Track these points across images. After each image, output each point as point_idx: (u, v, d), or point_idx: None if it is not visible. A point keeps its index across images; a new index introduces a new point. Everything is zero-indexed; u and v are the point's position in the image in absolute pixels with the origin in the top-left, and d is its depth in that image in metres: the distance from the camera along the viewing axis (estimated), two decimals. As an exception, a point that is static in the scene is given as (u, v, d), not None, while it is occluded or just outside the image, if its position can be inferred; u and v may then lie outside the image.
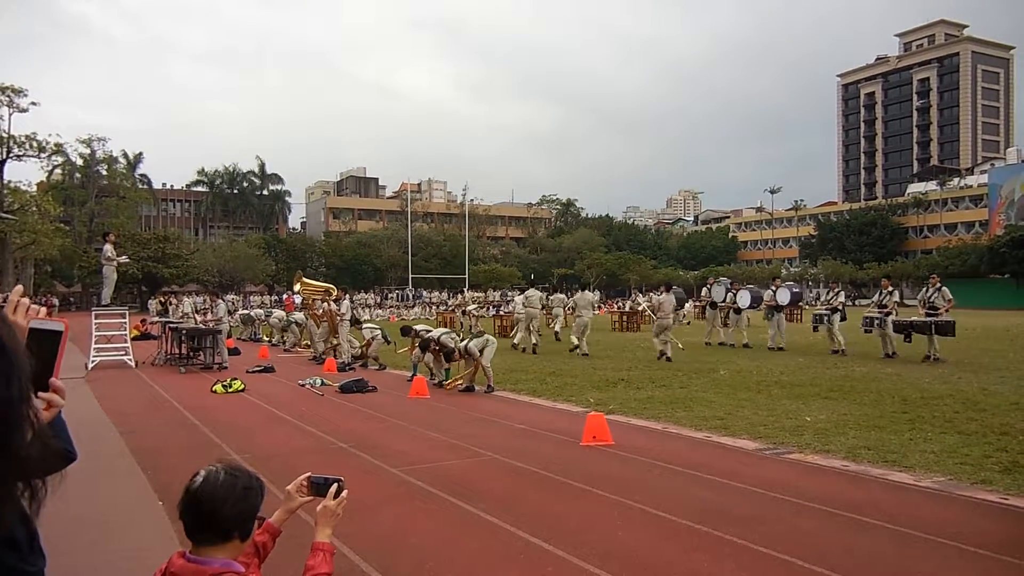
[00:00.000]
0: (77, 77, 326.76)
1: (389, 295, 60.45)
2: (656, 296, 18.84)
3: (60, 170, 63.12)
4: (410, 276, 64.33)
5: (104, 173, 67.47)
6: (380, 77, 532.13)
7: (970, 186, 79.73)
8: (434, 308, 45.78)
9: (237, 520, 1.88)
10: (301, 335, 21.39)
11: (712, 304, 21.31)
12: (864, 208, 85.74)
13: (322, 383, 12.77)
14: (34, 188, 48.79)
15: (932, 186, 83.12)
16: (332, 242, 74.93)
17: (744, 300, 20.21)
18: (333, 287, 19.15)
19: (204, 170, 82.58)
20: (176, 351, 17.01)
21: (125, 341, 16.75)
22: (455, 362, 12.56)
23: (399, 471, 6.60)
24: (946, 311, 15.93)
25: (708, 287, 22.46)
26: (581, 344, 18.01)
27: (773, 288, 19.72)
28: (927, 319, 15.68)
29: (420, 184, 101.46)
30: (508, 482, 6.25)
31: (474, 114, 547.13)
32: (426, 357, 12.90)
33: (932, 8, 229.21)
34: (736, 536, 4.72)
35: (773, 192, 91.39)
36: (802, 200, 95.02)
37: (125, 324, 17.06)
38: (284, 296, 40.75)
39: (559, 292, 26.96)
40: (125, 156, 71.78)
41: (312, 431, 8.67)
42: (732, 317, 20.52)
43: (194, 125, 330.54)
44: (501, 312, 32.86)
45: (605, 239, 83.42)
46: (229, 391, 12.01)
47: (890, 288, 17.20)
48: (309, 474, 2.29)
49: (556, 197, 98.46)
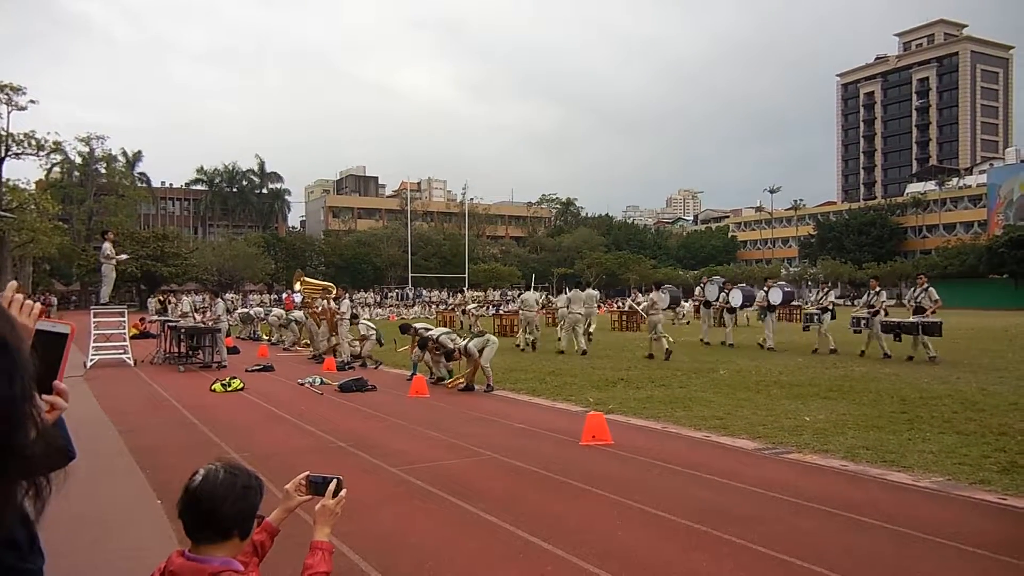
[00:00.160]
0: (77, 76, 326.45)
1: (389, 294, 60.48)
2: (649, 295, 19.08)
3: (59, 168, 63.20)
4: (410, 275, 64.31)
5: (103, 171, 67.49)
6: (380, 77, 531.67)
7: (969, 186, 79.80)
8: (434, 307, 45.80)
9: (236, 519, 1.88)
10: (300, 334, 21.40)
11: (706, 303, 21.48)
12: (863, 208, 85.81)
13: (321, 382, 12.77)
14: (33, 186, 48.86)
15: (931, 186, 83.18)
16: (332, 241, 74.95)
17: (736, 299, 20.33)
18: (332, 285, 19.15)
19: (203, 169, 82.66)
20: (175, 350, 17.02)
21: (124, 340, 16.74)
22: (455, 361, 12.56)
23: (398, 470, 6.59)
24: (932, 312, 16.05)
25: (702, 286, 22.68)
26: (579, 341, 18.12)
27: (766, 288, 19.82)
28: (914, 319, 15.80)
29: (420, 183, 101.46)
30: (508, 481, 6.25)
31: (474, 114, 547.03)
32: (425, 356, 12.92)
33: (932, 8, 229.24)
34: (735, 536, 4.72)
35: (772, 192, 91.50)
36: (801, 200, 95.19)
37: (124, 323, 17.05)
38: (284, 295, 40.71)
39: (590, 289, 27.12)
40: (124, 154, 71.82)
41: (311, 430, 8.67)
42: (726, 316, 20.65)
43: (194, 124, 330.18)
44: (501, 311, 32.89)
45: (605, 238, 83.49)
46: (228, 390, 12.01)
47: (878, 288, 17.34)
48: (307, 473, 2.29)
49: (556, 196, 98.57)
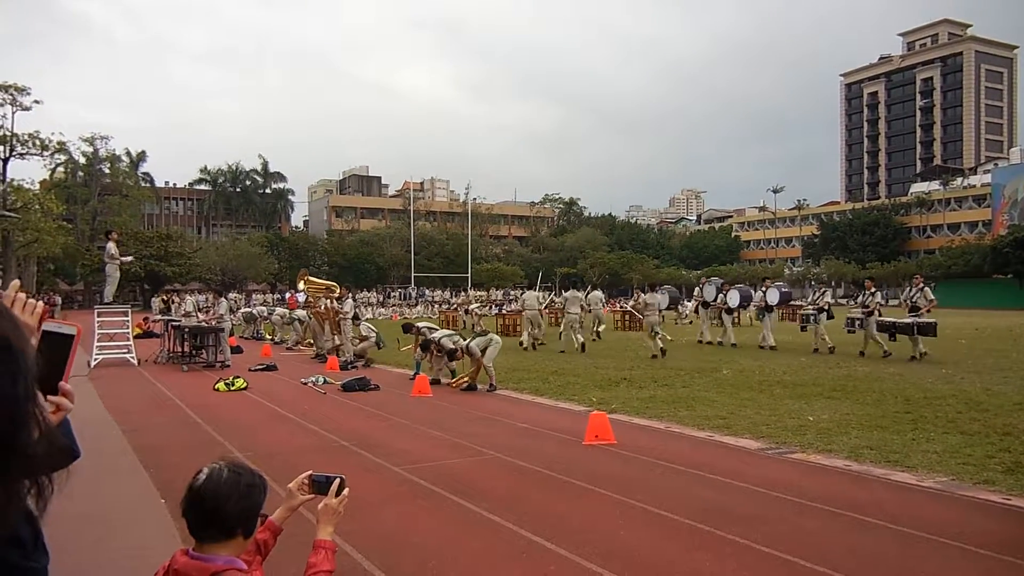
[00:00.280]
0: (78, 75, 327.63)
1: (392, 294, 60.50)
2: (642, 295, 19.36)
3: (63, 168, 63.31)
4: (413, 275, 64.30)
5: (107, 171, 67.64)
6: (380, 77, 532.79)
7: (973, 186, 79.61)
8: (436, 307, 45.80)
9: (240, 517, 1.88)
10: (304, 333, 21.42)
11: (704, 304, 21.72)
12: (867, 208, 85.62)
13: (324, 381, 12.78)
14: (37, 186, 48.89)
15: (935, 186, 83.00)
16: (335, 241, 75.04)
17: (734, 299, 20.51)
18: (336, 285, 19.16)
19: (207, 168, 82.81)
20: (178, 349, 17.04)
21: (128, 339, 16.78)
22: (458, 360, 12.56)
23: (401, 470, 6.60)
24: (927, 311, 16.18)
25: (700, 287, 22.96)
26: (576, 338, 18.41)
27: (764, 288, 19.91)
28: (909, 319, 15.92)
29: (423, 183, 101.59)
30: (510, 481, 6.25)
31: (474, 114, 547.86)
32: (428, 356, 12.93)
33: (934, 7, 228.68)
34: (738, 536, 4.72)
35: (776, 192, 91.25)
36: (805, 200, 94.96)
37: (128, 322, 17.09)
38: (287, 295, 40.75)
39: (596, 290, 27.40)
40: (128, 154, 71.99)
41: (314, 429, 8.68)
42: (724, 317, 20.81)
43: (195, 124, 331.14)
44: (504, 311, 32.88)
45: (608, 238, 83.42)
46: (231, 389, 12.03)
47: (873, 289, 17.48)
48: (310, 472, 2.29)
49: (559, 196, 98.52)
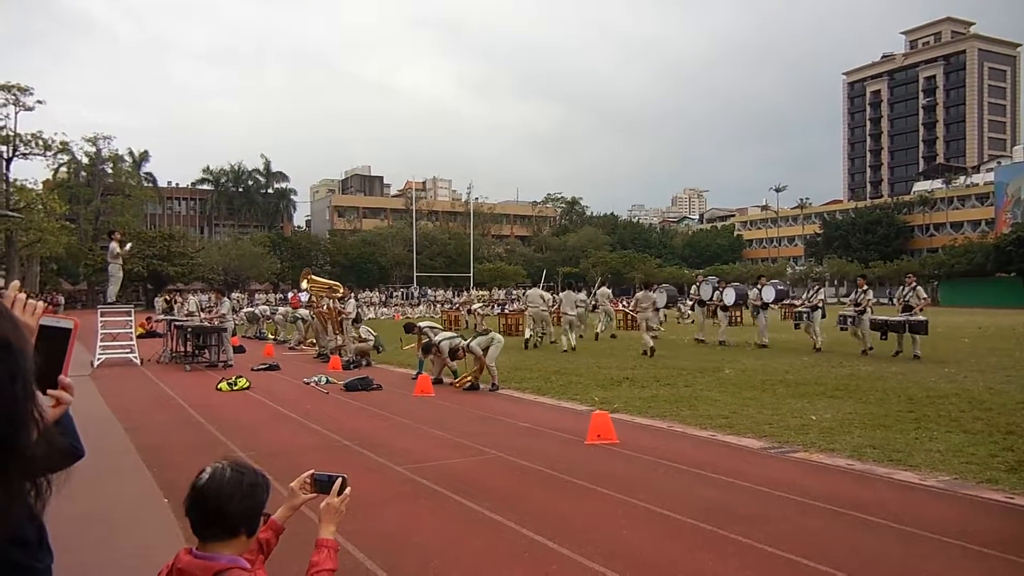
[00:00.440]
0: (80, 75, 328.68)
1: (394, 293, 60.52)
2: (640, 294, 19.66)
3: (66, 168, 63.40)
4: (415, 274, 64.29)
5: (110, 171, 67.69)
6: (382, 76, 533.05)
7: (976, 184, 79.42)
8: (439, 306, 45.81)
9: (243, 516, 1.89)
10: (306, 333, 21.44)
11: (700, 302, 21.95)
12: (870, 206, 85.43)
13: (327, 381, 12.80)
14: (40, 186, 48.99)
15: (938, 184, 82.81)
16: (337, 240, 75.04)
17: (730, 297, 20.69)
18: (339, 285, 19.18)
19: (209, 168, 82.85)
20: (181, 349, 17.07)
21: (130, 339, 16.81)
22: (460, 360, 12.56)
23: (404, 469, 6.60)
24: (920, 309, 16.43)
25: (696, 285, 23.18)
26: (570, 338, 18.70)
27: (759, 286, 20.10)
28: (901, 318, 16.13)
29: (425, 183, 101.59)
30: (513, 480, 6.25)
31: (476, 113, 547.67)
32: (429, 357, 12.93)
33: (936, 6, 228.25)
34: (741, 535, 4.71)
35: (778, 191, 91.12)
36: (807, 198, 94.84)
37: (130, 322, 17.12)
38: (290, 294, 40.80)
39: (604, 287, 27.60)
40: (131, 154, 72.05)
41: (317, 429, 8.69)
42: (720, 315, 20.99)
43: (198, 124, 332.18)
44: (506, 311, 32.89)
45: (610, 238, 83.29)
46: (234, 389, 12.04)
47: (865, 287, 17.77)
48: (312, 471, 2.29)
49: (561, 196, 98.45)
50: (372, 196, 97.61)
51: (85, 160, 65.34)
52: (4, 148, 44.71)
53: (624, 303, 31.88)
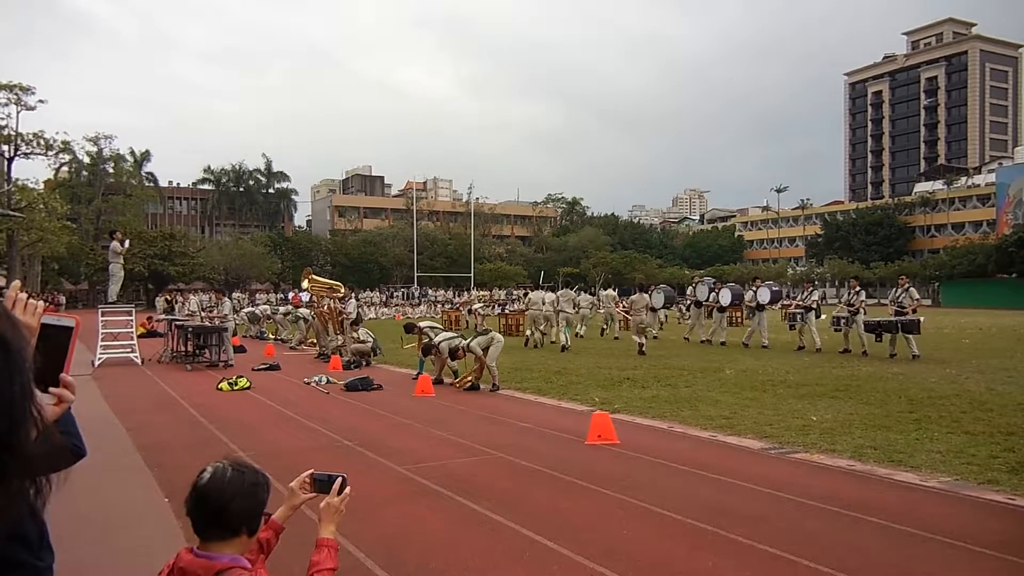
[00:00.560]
0: (81, 74, 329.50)
1: (395, 293, 60.53)
2: (633, 295, 19.90)
3: (67, 168, 63.35)
4: (415, 274, 64.33)
5: (111, 171, 67.69)
6: (383, 76, 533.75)
7: (977, 185, 79.37)
8: (439, 307, 45.81)
9: (245, 516, 1.89)
10: (307, 332, 21.44)
11: (696, 303, 22.14)
12: (871, 207, 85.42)
13: (327, 381, 12.80)
14: (41, 186, 48.95)
15: (939, 185, 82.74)
16: (338, 240, 75.03)
17: (726, 298, 20.92)
18: (340, 284, 19.19)
19: (210, 168, 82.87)
20: (182, 348, 17.07)
21: (131, 338, 16.82)
22: (460, 359, 12.56)
23: (404, 469, 6.60)
24: (913, 310, 16.64)
25: (692, 287, 23.35)
26: (564, 337, 19.09)
27: (754, 288, 20.29)
28: (894, 318, 16.36)
29: (425, 183, 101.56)
30: (513, 480, 6.25)
31: (477, 112, 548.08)
32: (430, 357, 12.94)
33: (938, 6, 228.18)
34: (741, 535, 4.71)
35: (779, 191, 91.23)
36: (808, 199, 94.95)
37: (131, 321, 17.13)
38: (291, 294, 40.79)
39: (609, 289, 27.81)
40: (132, 154, 71.98)
41: (317, 429, 8.69)
42: (716, 315, 21.17)
43: (199, 123, 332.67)
44: (507, 311, 32.90)
45: (611, 238, 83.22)
46: (235, 389, 12.05)
47: (857, 288, 18.06)
48: (312, 471, 2.29)
49: (561, 196, 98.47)
50: (373, 196, 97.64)
51: (86, 160, 65.31)
52: (6, 148, 44.69)
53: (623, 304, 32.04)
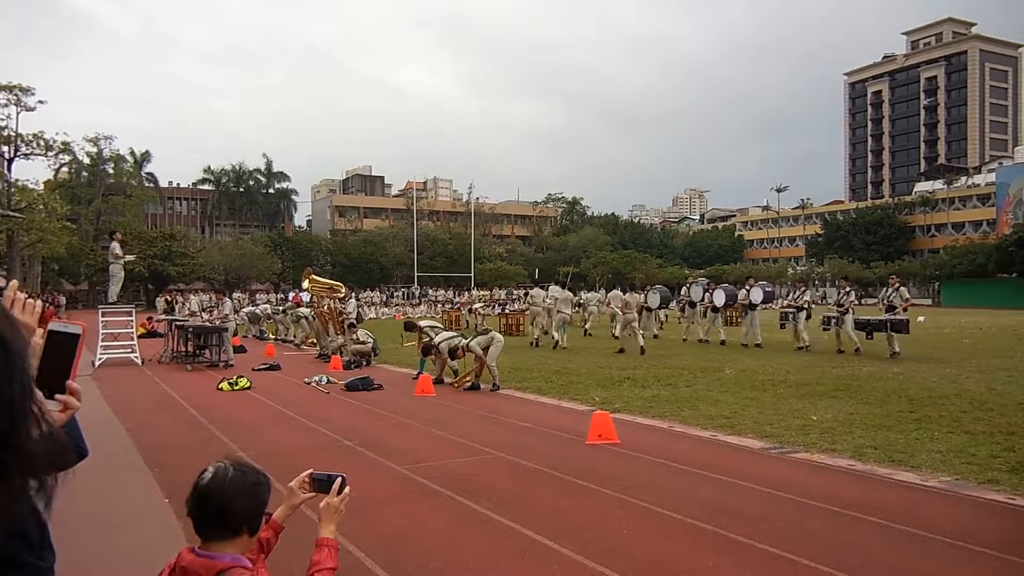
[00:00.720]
0: (80, 74, 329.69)
1: (395, 293, 60.53)
2: (627, 295, 20.10)
3: (67, 168, 63.31)
4: (416, 274, 64.32)
5: (111, 171, 67.66)
6: (383, 75, 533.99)
7: (977, 185, 79.34)
8: (439, 306, 45.81)
9: (246, 515, 1.89)
10: (309, 331, 21.42)
11: (691, 303, 22.37)
12: (871, 207, 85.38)
13: (328, 381, 12.80)
14: (41, 186, 48.93)
15: (939, 185, 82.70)
16: (338, 240, 75.01)
17: (719, 299, 21.09)
18: (341, 285, 19.19)
19: (210, 168, 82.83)
20: (182, 349, 17.07)
21: (132, 339, 16.81)
22: (460, 359, 12.56)
23: (404, 469, 6.60)
24: (903, 309, 16.83)
25: (687, 287, 23.56)
26: (561, 338, 19.39)
27: (747, 287, 20.55)
28: (883, 317, 16.58)
29: (426, 182, 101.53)
30: (513, 480, 6.25)
31: (478, 112, 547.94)
32: (430, 357, 12.94)
33: (938, 6, 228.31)
34: (742, 535, 4.71)
35: (779, 191, 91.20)
36: (809, 199, 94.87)
37: (132, 322, 17.13)
38: (291, 294, 40.80)
39: (594, 291, 28.11)
40: (132, 154, 71.91)
41: (318, 428, 8.69)
42: (710, 315, 21.33)
43: (199, 123, 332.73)
44: (507, 310, 32.91)
45: (611, 238, 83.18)
46: (235, 389, 12.05)
47: (847, 288, 18.37)
48: (311, 470, 2.29)
49: (562, 195, 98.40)
50: (373, 196, 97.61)
51: (86, 160, 65.25)
52: (6, 148, 44.63)
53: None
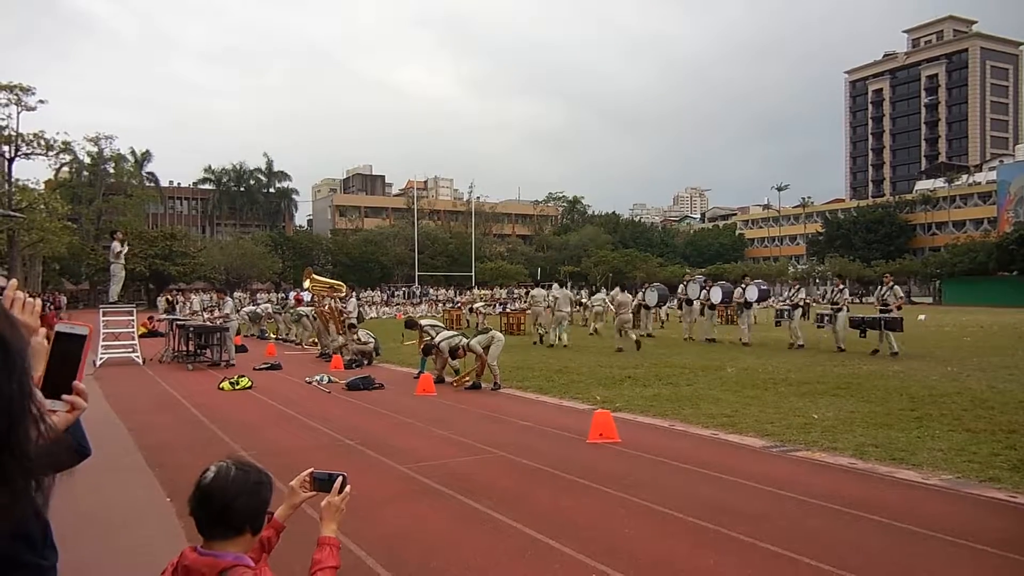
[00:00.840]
0: (80, 73, 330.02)
1: (396, 293, 60.54)
2: (620, 295, 20.16)
3: (68, 168, 63.34)
4: (416, 274, 64.34)
5: (111, 171, 67.69)
6: (383, 75, 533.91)
7: (978, 183, 79.29)
8: (440, 306, 45.81)
9: (249, 514, 1.90)
10: (311, 330, 21.42)
11: (688, 301, 22.50)
12: (872, 205, 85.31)
13: (329, 380, 12.81)
14: (42, 186, 48.95)
15: (940, 183, 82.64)
16: (339, 240, 75.04)
17: (716, 296, 21.35)
18: (342, 284, 19.20)
19: (211, 168, 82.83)
20: (183, 348, 17.08)
21: (133, 338, 16.82)
22: (461, 358, 12.56)
23: (405, 468, 6.61)
24: (897, 308, 16.94)
25: (684, 285, 23.68)
26: (561, 336, 19.51)
27: (743, 286, 20.70)
28: (878, 316, 16.75)
29: (426, 182, 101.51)
30: (515, 479, 6.25)
31: (478, 111, 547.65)
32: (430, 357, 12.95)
33: (938, 4, 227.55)
34: (743, 533, 4.71)
35: (780, 189, 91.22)
36: (809, 197, 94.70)
37: (133, 321, 17.14)
38: (292, 293, 40.85)
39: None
40: (133, 154, 71.92)
41: (319, 428, 8.70)
42: (707, 312, 21.50)
43: (199, 123, 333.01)
44: (508, 310, 32.90)
45: (611, 237, 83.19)
46: (236, 388, 12.05)
47: (841, 287, 18.55)
48: (312, 469, 2.30)
49: (562, 195, 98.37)
50: (374, 195, 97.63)
51: (87, 160, 65.25)
52: (6, 148, 44.66)
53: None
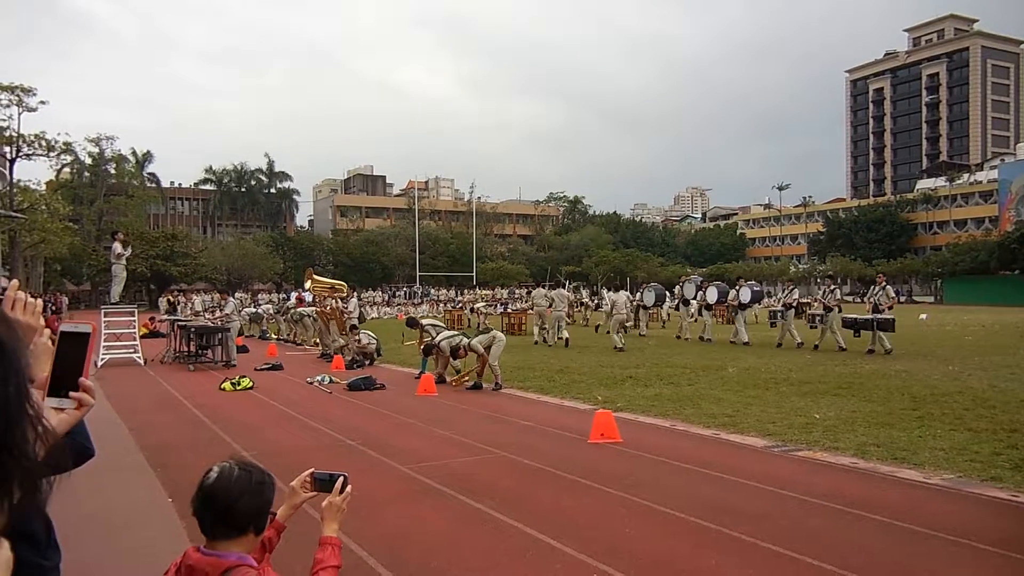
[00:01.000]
0: (81, 74, 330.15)
1: (397, 293, 60.55)
2: (612, 294, 20.29)
3: (69, 169, 63.41)
4: (418, 274, 64.36)
5: (113, 172, 67.74)
6: (384, 75, 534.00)
7: (980, 182, 79.14)
8: (441, 306, 45.81)
9: (252, 514, 1.90)
10: (313, 331, 21.43)
11: (684, 301, 22.73)
12: (873, 204, 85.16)
13: (330, 380, 12.82)
14: (43, 187, 49.02)
15: (941, 182, 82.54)
16: (340, 240, 75.11)
17: (712, 296, 21.56)
18: (343, 284, 19.21)
19: (212, 168, 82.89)
20: (184, 349, 17.10)
21: (134, 339, 16.85)
22: (462, 358, 12.57)
23: (407, 468, 6.61)
24: (889, 308, 17.06)
25: (680, 285, 24.01)
26: (561, 335, 19.73)
27: (737, 287, 21.03)
28: (870, 316, 16.91)
29: (427, 182, 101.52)
30: (516, 479, 6.26)
31: (478, 112, 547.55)
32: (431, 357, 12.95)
33: (939, 2, 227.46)
34: (744, 533, 4.71)
35: (781, 189, 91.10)
36: (811, 197, 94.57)
37: (134, 322, 17.16)
38: (294, 294, 40.89)
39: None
40: (134, 154, 72.01)
41: (320, 428, 8.70)
42: (704, 313, 21.63)
43: (200, 124, 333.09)
44: (509, 310, 32.90)
45: (612, 236, 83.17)
46: (238, 389, 12.07)
47: (833, 287, 18.74)
48: (312, 470, 2.30)
49: (563, 195, 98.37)
50: (375, 196, 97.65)
51: (88, 161, 65.29)
52: (8, 149, 44.73)
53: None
